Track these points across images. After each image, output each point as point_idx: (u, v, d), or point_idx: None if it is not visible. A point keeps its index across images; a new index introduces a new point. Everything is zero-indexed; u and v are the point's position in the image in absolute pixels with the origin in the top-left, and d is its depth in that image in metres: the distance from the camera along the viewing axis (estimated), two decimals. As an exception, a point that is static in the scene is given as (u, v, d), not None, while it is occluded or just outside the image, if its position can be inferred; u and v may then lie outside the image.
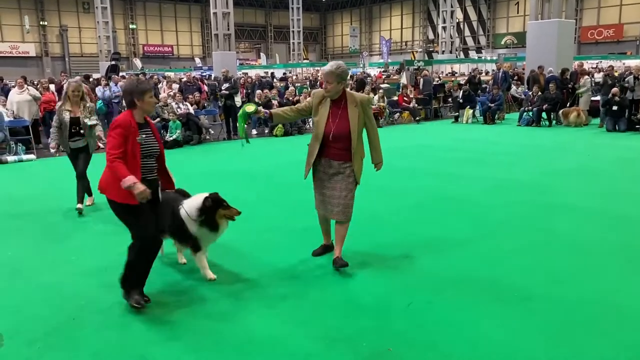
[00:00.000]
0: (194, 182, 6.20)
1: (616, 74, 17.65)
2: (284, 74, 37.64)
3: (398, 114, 17.72)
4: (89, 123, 6.59)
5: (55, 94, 15.99)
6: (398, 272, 4.54)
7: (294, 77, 31.34)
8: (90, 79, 17.17)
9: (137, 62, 47.90)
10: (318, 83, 21.15)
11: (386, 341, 3.40)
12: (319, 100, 4.46)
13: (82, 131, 6.59)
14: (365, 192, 7.32)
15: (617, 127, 13.92)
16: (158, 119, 12.65)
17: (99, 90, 14.67)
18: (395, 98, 18.12)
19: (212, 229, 4.29)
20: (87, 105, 6.70)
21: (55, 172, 9.58)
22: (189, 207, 4.28)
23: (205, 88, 17.24)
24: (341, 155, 4.41)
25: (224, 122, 14.86)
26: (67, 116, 6.45)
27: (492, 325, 3.59)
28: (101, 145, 6.61)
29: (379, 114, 16.23)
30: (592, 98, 16.36)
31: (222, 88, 14.58)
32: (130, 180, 3.60)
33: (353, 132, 4.35)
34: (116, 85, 15.28)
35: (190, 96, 14.62)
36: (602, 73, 18.93)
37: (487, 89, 18.38)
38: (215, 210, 4.27)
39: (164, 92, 15.01)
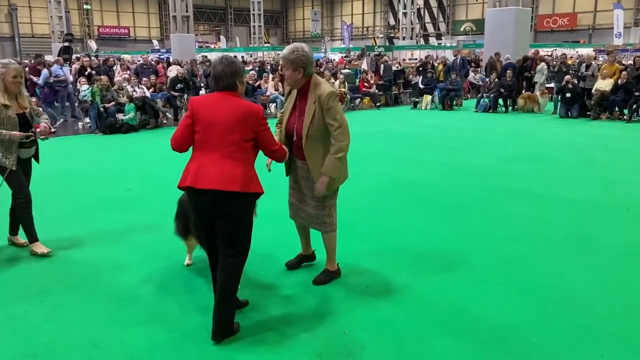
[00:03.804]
0: (156, 168, 6.07)
1: (570, 62, 18.16)
2: (242, 57, 37.14)
3: (359, 99, 17.77)
4: (41, 120, 4.74)
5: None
6: (354, 256, 4.57)
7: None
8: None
9: (92, 44, 46.33)
10: (279, 67, 20.96)
11: (342, 324, 3.43)
12: (288, 90, 3.94)
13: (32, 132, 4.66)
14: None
15: (569, 114, 14.35)
16: (113, 103, 12.32)
17: (44, 73, 14.03)
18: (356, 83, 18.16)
19: None
20: (26, 95, 4.78)
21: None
22: None
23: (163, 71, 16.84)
24: (300, 154, 3.85)
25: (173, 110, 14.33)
26: (10, 113, 4.44)
27: (446, 307, 3.66)
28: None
29: (340, 99, 16.19)
30: (547, 85, 16.79)
31: (176, 87, 14.27)
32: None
33: (304, 130, 3.71)
34: (61, 68, 14.59)
35: (145, 79, 14.26)
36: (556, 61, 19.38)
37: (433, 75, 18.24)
38: None
39: (119, 75, 14.56)
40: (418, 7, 46.00)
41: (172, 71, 16.58)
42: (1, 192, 4.57)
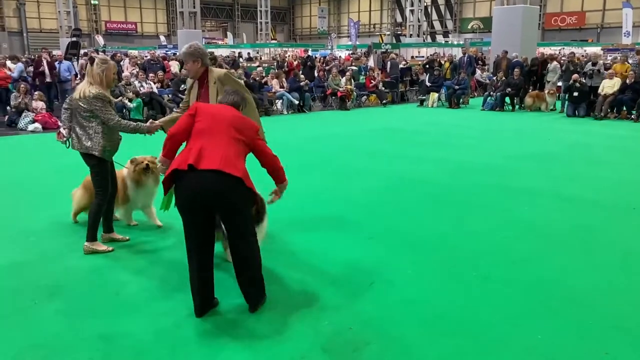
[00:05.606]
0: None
1: (577, 61, 18.07)
2: (248, 53, 37.27)
3: (365, 96, 17.77)
4: None
5: (10, 70, 15.36)
6: (361, 252, 4.59)
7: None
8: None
9: (100, 39, 46.46)
10: (286, 64, 20.99)
11: (347, 320, 3.44)
12: (190, 84, 4.47)
13: None
14: (331, 173, 7.35)
15: (577, 113, 14.28)
16: (121, 98, 12.37)
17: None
18: (362, 80, 18.16)
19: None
20: None
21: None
22: None
23: (170, 67, 16.85)
24: None
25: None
26: (111, 107, 4.52)
27: (451, 304, 3.67)
28: None
29: (346, 97, 16.27)
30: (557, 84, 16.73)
31: (181, 88, 14.31)
32: None
33: None
34: (59, 63, 14.51)
35: (152, 75, 14.30)
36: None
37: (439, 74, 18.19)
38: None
39: (127, 70, 14.60)
40: (425, 4, 45.74)
41: (174, 66, 16.66)
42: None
